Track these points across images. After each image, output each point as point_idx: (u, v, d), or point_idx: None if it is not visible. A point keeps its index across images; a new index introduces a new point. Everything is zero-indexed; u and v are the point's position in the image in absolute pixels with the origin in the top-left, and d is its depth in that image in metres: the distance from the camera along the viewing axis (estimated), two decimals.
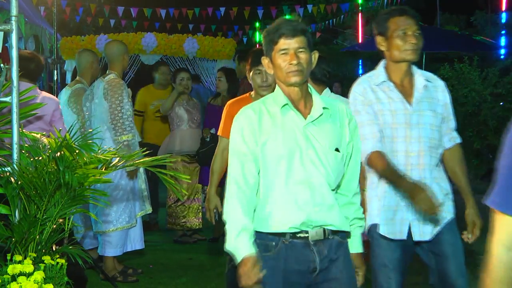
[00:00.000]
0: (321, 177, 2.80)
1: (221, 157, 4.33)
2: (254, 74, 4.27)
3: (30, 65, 5.16)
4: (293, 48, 2.81)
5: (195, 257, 6.73)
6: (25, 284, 3.05)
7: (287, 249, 2.79)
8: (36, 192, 3.42)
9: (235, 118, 2.93)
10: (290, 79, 2.82)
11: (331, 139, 2.85)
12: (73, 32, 17.01)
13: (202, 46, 11.72)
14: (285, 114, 2.84)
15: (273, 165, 2.80)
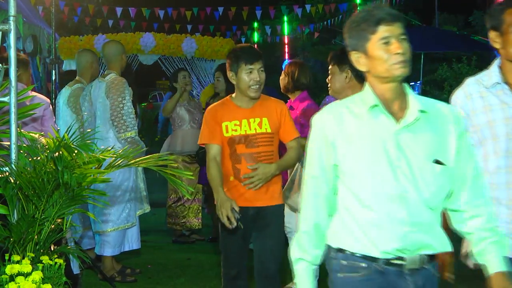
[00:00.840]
0: (416, 192, 2.37)
1: (215, 163, 4.06)
2: (244, 72, 4.02)
3: None
4: (396, 35, 2.38)
5: (194, 257, 6.73)
6: (23, 284, 3.05)
7: (380, 275, 2.41)
8: (34, 192, 3.41)
9: (312, 124, 2.53)
10: (396, 71, 2.37)
11: (429, 148, 2.40)
12: (72, 32, 17.01)
13: (200, 46, 11.71)
14: (374, 117, 2.41)
15: (358, 177, 2.41)
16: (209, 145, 4.10)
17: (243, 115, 4.07)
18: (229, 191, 4.01)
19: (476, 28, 20.39)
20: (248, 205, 4.02)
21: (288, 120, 4.17)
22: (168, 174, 3.75)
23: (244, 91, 4.05)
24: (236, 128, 4.04)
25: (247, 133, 4.04)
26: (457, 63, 9.48)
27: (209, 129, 4.08)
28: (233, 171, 4.07)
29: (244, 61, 4.01)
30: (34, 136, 3.80)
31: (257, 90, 4.03)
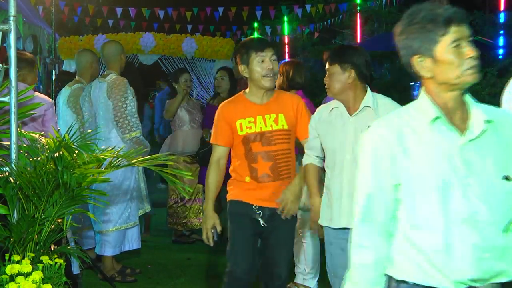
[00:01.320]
0: (489, 213, 2.11)
1: (216, 168, 3.94)
2: (255, 62, 3.81)
3: None
4: (466, 37, 2.16)
5: (194, 257, 6.73)
6: (23, 284, 3.05)
7: None
8: (35, 192, 3.42)
9: (365, 140, 2.26)
10: (468, 78, 2.17)
11: (498, 163, 2.15)
12: (72, 32, 17.00)
13: (200, 46, 11.70)
14: (436, 130, 2.16)
15: (422, 198, 2.14)
16: (215, 146, 3.98)
17: (258, 111, 3.88)
18: (245, 192, 3.90)
19: (476, 28, 20.37)
20: (265, 205, 3.91)
21: (305, 116, 3.96)
22: (167, 174, 3.75)
23: (258, 82, 3.83)
24: (250, 126, 3.86)
25: (262, 130, 3.86)
26: None
27: (217, 129, 3.95)
28: (249, 171, 3.90)
29: (254, 49, 3.81)
30: (34, 136, 3.80)
31: (271, 80, 3.83)
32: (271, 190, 3.88)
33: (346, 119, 3.69)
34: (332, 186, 3.73)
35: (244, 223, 3.92)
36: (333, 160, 3.71)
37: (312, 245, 5.27)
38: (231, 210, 3.99)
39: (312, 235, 5.21)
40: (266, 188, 3.88)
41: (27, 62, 5.15)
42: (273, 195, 3.88)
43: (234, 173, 4.00)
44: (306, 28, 23.82)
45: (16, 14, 3.72)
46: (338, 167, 3.68)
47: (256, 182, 3.88)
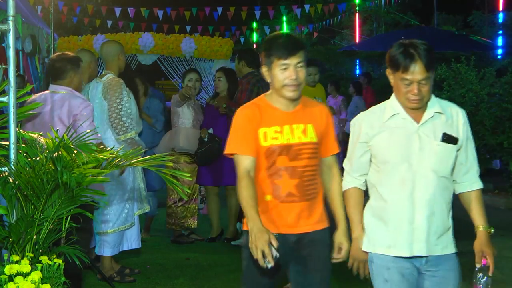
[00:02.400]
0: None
1: (248, 181, 3.26)
2: (278, 69, 3.30)
3: None
4: None
5: (193, 257, 6.73)
6: (22, 284, 3.05)
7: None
8: (33, 192, 3.41)
9: None
10: None
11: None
12: (70, 32, 17.01)
13: (199, 46, 11.72)
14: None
15: None
16: (241, 157, 3.30)
17: (285, 119, 3.35)
18: (264, 214, 3.28)
19: (475, 28, 20.40)
20: (288, 231, 3.35)
21: (332, 130, 3.51)
22: (165, 175, 3.74)
23: (278, 91, 3.33)
24: (276, 136, 3.32)
25: (290, 143, 3.32)
26: (456, 63, 9.45)
27: (242, 136, 3.32)
28: (271, 189, 3.34)
29: (277, 55, 3.28)
30: (33, 136, 3.79)
31: (294, 90, 3.29)
32: (296, 212, 3.35)
33: (412, 128, 3.18)
34: (391, 207, 3.20)
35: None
36: (393, 176, 3.19)
37: None
38: (248, 240, 3.23)
39: None
40: (290, 210, 3.34)
41: (71, 61, 5.05)
42: (299, 218, 3.36)
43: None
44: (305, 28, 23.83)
45: (15, 14, 3.72)
46: (401, 184, 3.16)
47: (278, 202, 3.33)
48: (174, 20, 16.38)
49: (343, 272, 3.60)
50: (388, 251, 3.19)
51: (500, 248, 6.57)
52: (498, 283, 5.64)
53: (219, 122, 7.29)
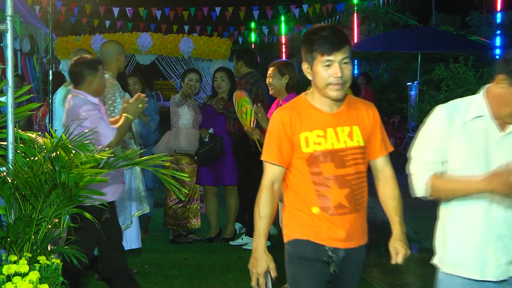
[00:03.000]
0: None
1: (270, 194, 3.05)
2: (320, 66, 2.98)
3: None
4: None
5: (191, 257, 6.73)
6: (20, 284, 3.05)
7: None
8: (32, 192, 3.41)
9: None
10: None
11: None
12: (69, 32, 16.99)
13: (197, 46, 11.70)
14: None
15: None
16: (268, 165, 3.08)
17: (328, 122, 3.03)
18: (312, 229, 3.04)
19: (473, 28, 20.41)
20: (339, 246, 3.06)
21: (381, 129, 3.19)
22: (163, 175, 3.74)
23: (321, 90, 3.01)
24: (320, 141, 3.00)
25: (334, 148, 3.00)
26: (454, 63, 9.47)
27: (272, 142, 3.06)
28: (318, 201, 3.02)
29: (320, 50, 2.96)
30: (32, 136, 3.79)
31: (339, 89, 2.98)
32: (346, 225, 3.04)
33: (494, 136, 2.82)
34: (459, 224, 2.89)
35: (314, 272, 3.08)
36: None
37: None
38: (295, 253, 3.13)
39: None
40: (340, 223, 3.03)
41: (88, 66, 4.90)
42: (349, 232, 3.05)
43: (292, 201, 3.12)
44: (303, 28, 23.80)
45: (13, 14, 3.72)
46: (476, 198, 2.81)
47: (327, 215, 3.02)
48: (172, 20, 16.38)
49: None
50: (455, 270, 2.90)
51: None
52: None
53: (218, 122, 7.29)
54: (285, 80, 5.47)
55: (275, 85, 5.48)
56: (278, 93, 5.50)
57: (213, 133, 7.23)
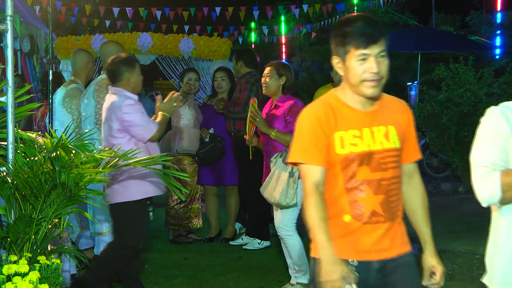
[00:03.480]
0: None
1: (317, 198, 2.69)
2: (354, 60, 2.69)
3: None
4: None
5: (191, 257, 6.73)
6: (20, 284, 3.05)
7: None
8: (32, 192, 3.41)
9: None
10: None
11: None
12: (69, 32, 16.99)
13: (197, 46, 11.71)
14: None
15: None
16: (309, 168, 2.72)
17: (363, 121, 2.76)
18: (342, 238, 2.73)
19: (473, 28, 20.42)
20: (372, 258, 2.75)
21: (414, 130, 2.93)
22: (164, 176, 3.74)
23: (355, 87, 2.72)
24: (356, 142, 2.72)
25: (371, 149, 2.72)
26: (454, 63, 9.48)
27: (311, 142, 2.72)
28: (351, 207, 2.73)
29: (355, 43, 2.67)
30: (32, 136, 3.79)
31: (375, 86, 2.70)
32: (380, 235, 2.75)
33: None
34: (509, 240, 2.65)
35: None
36: None
37: (292, 244, 5.27)
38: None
39: (290, 234, 5.25)
40: (374, 233, 2.75)
41: (125, 63, 4.96)
42: (384, 242, 2.76)
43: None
44: (303, 28, 23.83)
45: (13, 14, 3.72)
46: None
47: (360, 223, 2.73)
48: (172, 20, 16.36)
49: None
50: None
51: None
52: None
53: (218, 122, 7.29)
54: (282, 81, 5.44)
55: (271, 85, 5.44)
56: (273, 93, 5.47)
57: (214, 133, 7.23)
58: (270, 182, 5.17)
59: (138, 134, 4.72)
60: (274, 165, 5.19)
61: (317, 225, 2.64)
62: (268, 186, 5.17)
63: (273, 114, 5.45)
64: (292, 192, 5.09)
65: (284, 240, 5.31)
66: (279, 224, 5.29)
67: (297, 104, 5.33)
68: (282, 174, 5.11)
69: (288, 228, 5.26)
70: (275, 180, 5.13)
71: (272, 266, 6.23)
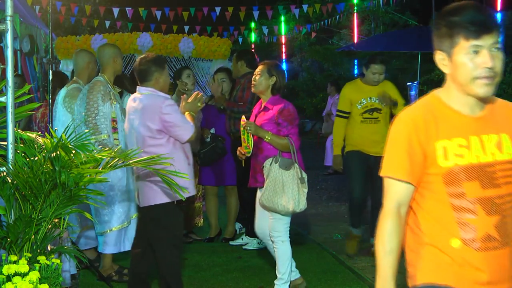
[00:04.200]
0: None
1: (396, 220, 2.34)
2: (464, 53, 2.30)
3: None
4: None
5: (191, 257, 6.72)
6: (20, 284, 3.05)
7: None
8: (32, 192, 3.41)
9: None
10: None
11: None
12: (68, 32, 17.01)
13: (197, 46, 11.72)
14: None
15: None
16: (394, 183, 2.36)
17: (471, 128, 2.35)
18: (450, 267, 2.32)
19: None
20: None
21: None
22: (163, 175, 3.74)
23: (465, 86, 2.34)
24: (462, 153, 2.31)
25: (481, 162, 2.32)
26: None
27: (403, 152, 2.34)
28: (460, 231, 2.31)
29: (464, 34, 2.29)
30: (31, 136, 3.79)
31: (488, 84, 2.32)
32: (494, 263, 2.32)
33: None
34: None
35: None
36: None
37: (283, 250, 5.17)
38: None
39: (283, 240, 5.17)
40: (489, 261, 2.31)
41: (155, 63, 4.94)
42: (498, 272, 2.33)
43: (422, 231, 2.39)
44: (303, 28, 23.86)
45: (13, 14, 3.72)
46: None
47: (472, 250, 2.30)
48: (172, 20, 16.38)
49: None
50: None
51: None
52: None
53: (219, 122, 7.28)
54: (272, 81, 5.30)
55: (260, 83, 5.30)
56: (262, 93, 5.34)
57: (215, 133, 7.23)
58: (274, 190, 5.04)
59: (179, 134, 4.71)
60: (269, 171, 5.08)
61: (385, 257, 2.33)
62: (271, 194, 5.04)
63: (262, 117, 5.31)
64: (303, 197, 5.04)
65: (276, 244, 5.20)
66: (272, 229, 5.18)
67: (288, 107, 5.20)
68: (288, 181, 5.03)
69: (281, 234, 5.17)
70: (280, 188, 5.01)
71: (272, 266, 6.22)
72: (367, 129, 6.43)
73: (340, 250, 6.81)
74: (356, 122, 6.46)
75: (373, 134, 6.36)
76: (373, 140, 6.31)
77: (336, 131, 6.61)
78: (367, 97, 6.42)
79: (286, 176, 5.04)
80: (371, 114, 6.43)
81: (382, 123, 6.39)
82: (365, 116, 6.45)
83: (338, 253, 6.70)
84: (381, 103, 6.39)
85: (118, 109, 5.79)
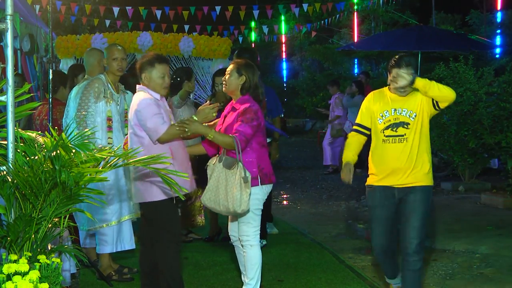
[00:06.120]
0: None
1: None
2: None
3: None
4: None
5: (191, 256, 6.72)
6: (20, 283, 3.05)
7: None
8: (32, 191, 3.41)
9: None
10: None
11: None
12: (69, 31, 17.01)
13: (197, 45, 11.72)
14: None
15: None
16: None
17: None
18: None
19: (473, 27, 20.42)
20: None
21: None
22: (164, 176, 3.73)
23: None
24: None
25: None
26: (454, 62, 9.48)
27: None
28: None
29: None
30: (31, 135, 3.80)
31: None
32: None
33: None
34: None
35: None
36: None
37: (252, 255, 5.04)
38: None
39: (252, 244, 5.03)
40: None
41: (147, 62, 4.99)
42: None
43: None
44: (303, 27, 23.85)
45: (13, 13, 3.72)
46: None
47: None
48: (172, 20, 16.38)
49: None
50: None
51: (498, 247, 6.61)
52: (496, 282, 5.65)
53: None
54: (241, 81, 5.07)
55: (230, 84, 5.13)
56: (232, 93, 5.16)
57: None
58: (216, 190, 4.93)
59: (149, 134, 4.81)
60: (213, 171, 4.97)
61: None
62: (213, 194, 4.93)
63: (230, 117, 5.10)
64: (246, 198, 4.78)
65: (245, 249, 5.08)
66: (241, 233, 5.05)
67: (252, 107, 4.96)
68: (230, 180, 4.86)
69: (250, 238, 5.03)
70: (223, 187, 4.88)
71: (272, 266, 6.23)
72: (390, 151, 4.80)
73: (340, 249, 6.80)
74: (378, 141, 4.88)
75: (396, 160, 4.78)
76: (397, 167, 4.77)
77: (346, 147, 5.07)
78: (390, 108, 4.81)
79: (229, 175, 4.88)
80: (395, 130, 4.80)
81: (410, 143, 4.77)
82: (387, 134, 4.81)
83: (338, 252, 6.70)
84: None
85: (115, 108, 5.82)
